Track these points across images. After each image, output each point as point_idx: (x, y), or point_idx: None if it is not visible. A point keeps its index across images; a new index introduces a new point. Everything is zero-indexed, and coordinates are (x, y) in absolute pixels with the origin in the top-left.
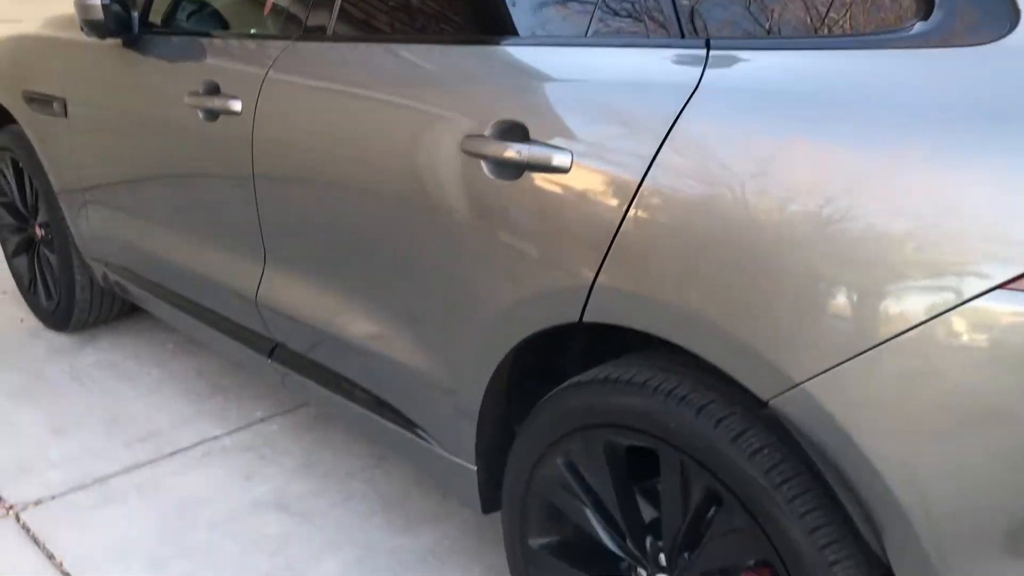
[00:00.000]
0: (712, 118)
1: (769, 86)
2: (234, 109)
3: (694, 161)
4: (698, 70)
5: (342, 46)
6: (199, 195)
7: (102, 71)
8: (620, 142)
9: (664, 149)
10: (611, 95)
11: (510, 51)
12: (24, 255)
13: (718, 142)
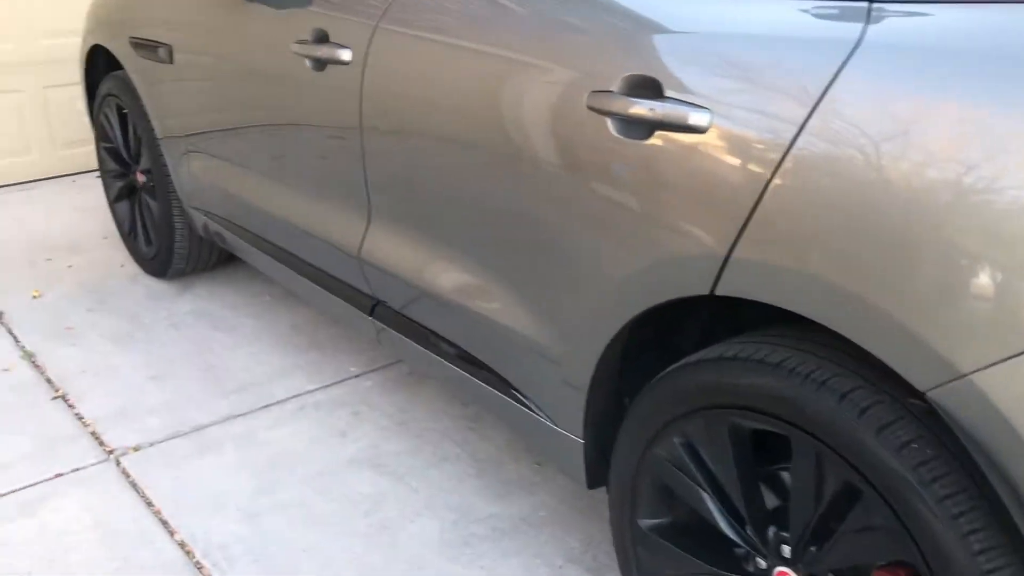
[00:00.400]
0: (875, 79)
1: (943, 44)
2: (343, 59)
3: (854, 126)
4: (859, 26)
5: None
6: (304, 146)
7: (209, 17)
8: (767, 102)
9: (819, 111)
10: (757, 50)
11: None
12: (126, 201)
13: (883, 106)
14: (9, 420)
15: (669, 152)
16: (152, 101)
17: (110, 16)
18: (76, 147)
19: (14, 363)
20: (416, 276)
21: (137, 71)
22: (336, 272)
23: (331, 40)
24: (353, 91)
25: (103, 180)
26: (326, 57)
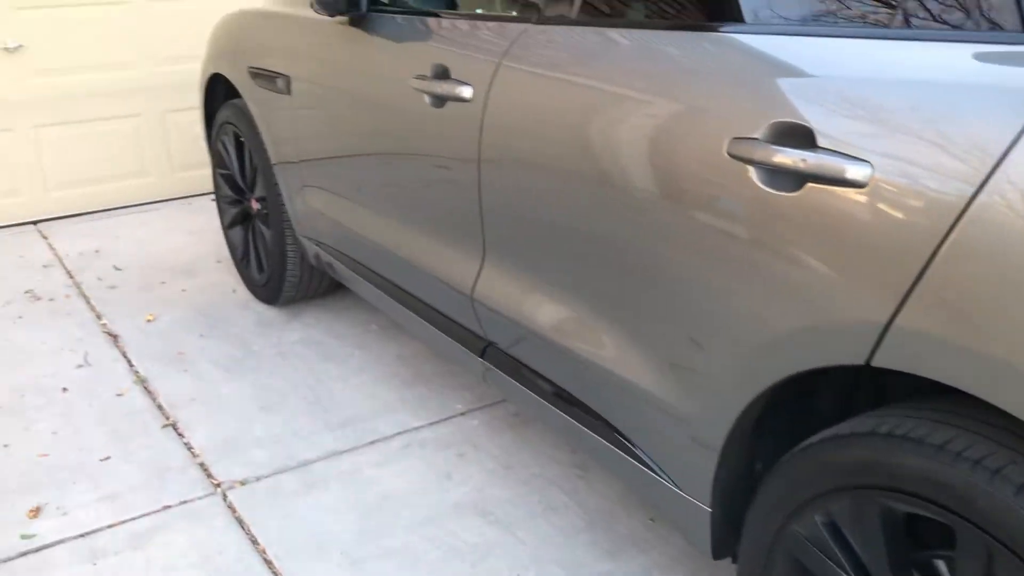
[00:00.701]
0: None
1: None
2: (464, 96)
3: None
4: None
5: (587, 31)
6: (418, 182)
7: (327, 50)
8: (939, 156)
9: (1003, 168)
10: (927, 98)
11: (790, 41)
12: (239, 227)
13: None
14: (122, 447)
15: (822, 207)
16: (268, 130)
17: (230, 46)
18: (192, 170)
19: (127, 388)
20: (532, 320)
21: (255, 100)
22: (446, 310)
23: (452, 76)
24: (472, 129)
25: (218, 206)
26: (446, 94)
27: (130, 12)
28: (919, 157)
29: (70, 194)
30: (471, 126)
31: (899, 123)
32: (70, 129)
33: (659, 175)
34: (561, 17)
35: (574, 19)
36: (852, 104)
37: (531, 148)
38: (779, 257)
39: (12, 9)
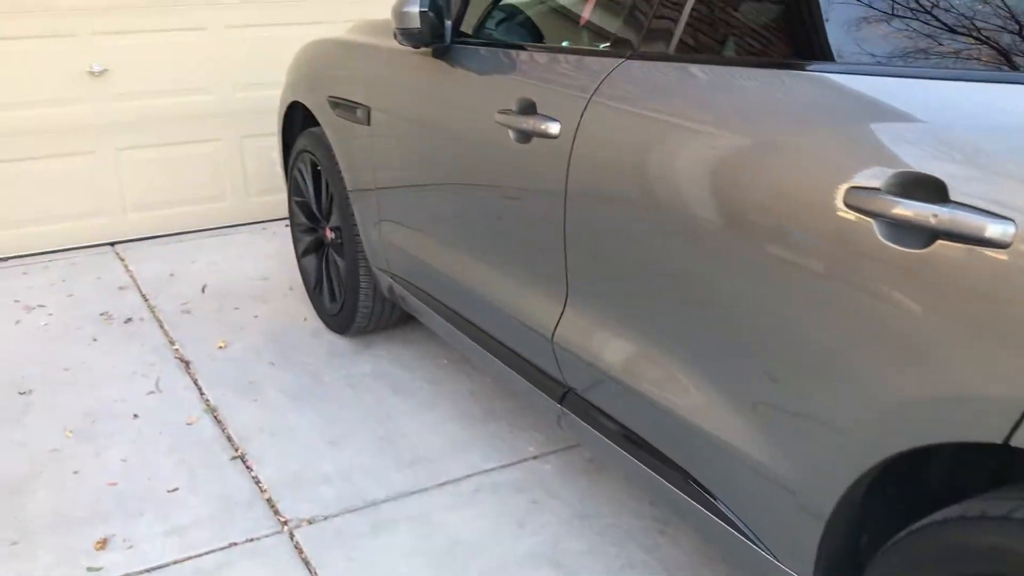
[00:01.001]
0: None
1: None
2: (551, 132)
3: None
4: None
5: (685, 68)
6: (500, 219)
7: (409, 81)
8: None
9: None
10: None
11: (918, 84)
12: (313, 256)
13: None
14: (190, 478)
15: (956, 267)
16: (346, 161)
17: (310, 74)
18: (267, 195)
19: (198, 416)
20: (618, 368)
21: (333, 130)
22: (524, 351)
23: (538, 111)
24: (559, 166)
25: (292, 233)
26: (531, 129)
27: (210, 38)
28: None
29: (148, 216)
30: (558, 163)
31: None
32: (149, 152)
33: (766, 223)
34: (658, 53)
35: (672, 55)
36: (989, 155)
37: (622, 188)
38: (905, 319)
39: (98, 34)
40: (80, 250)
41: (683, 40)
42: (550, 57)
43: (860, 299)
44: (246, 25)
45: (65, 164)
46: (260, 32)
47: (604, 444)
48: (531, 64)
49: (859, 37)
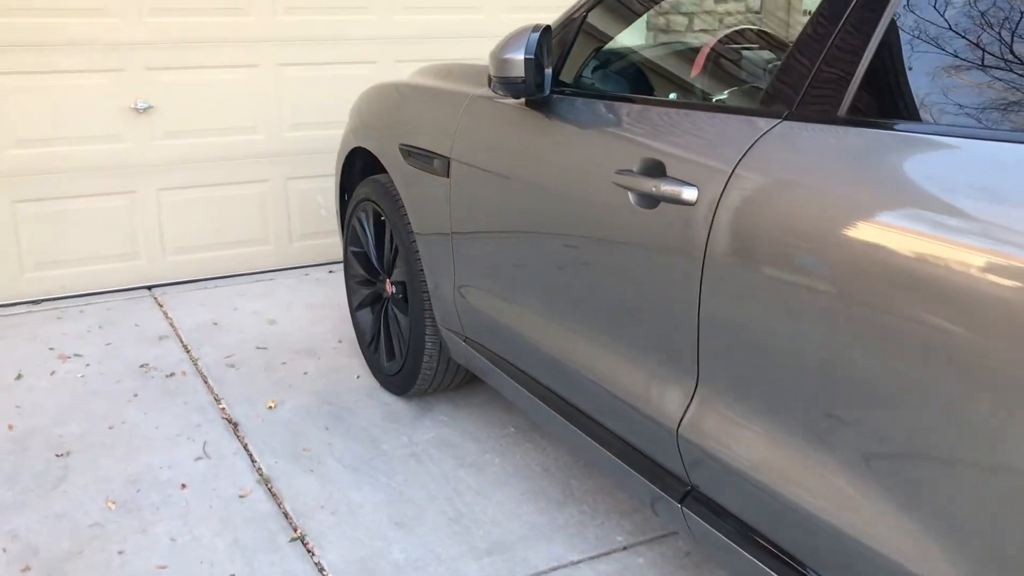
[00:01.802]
0: None
1: None
2: (686, 198)
3: None
4: None
5: (864, 133)
6: (612, 289)
7: (499, 132)
8: None
9: None
10: None
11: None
12: (369, 310)
13: None
14: (247, 563)
15: None
16: (418, 215)
17: (378, 120)
18: (311, 239)
19: (250, 488)
20: (763, 470)
21: (404, 180)
22: (637, 442)
23: (668, 174)
24: (695, 237)
25: (347, 284)
26: (660, 193)
27: (261, 76)
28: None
29: (187, 260)
30: (693, 234)
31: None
32: (192, 193)
33: (967, 316)
34: (824, 113)
35: (843, 117)
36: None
37: (779, 267)
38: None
39: (145, 70)
40: (116, 293)
41: (859, 98)
42: (678, 112)
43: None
44: (299, 63)
45: (103, 204)
46: (312, 71)
47: (726, 545)
48: (652, 119)
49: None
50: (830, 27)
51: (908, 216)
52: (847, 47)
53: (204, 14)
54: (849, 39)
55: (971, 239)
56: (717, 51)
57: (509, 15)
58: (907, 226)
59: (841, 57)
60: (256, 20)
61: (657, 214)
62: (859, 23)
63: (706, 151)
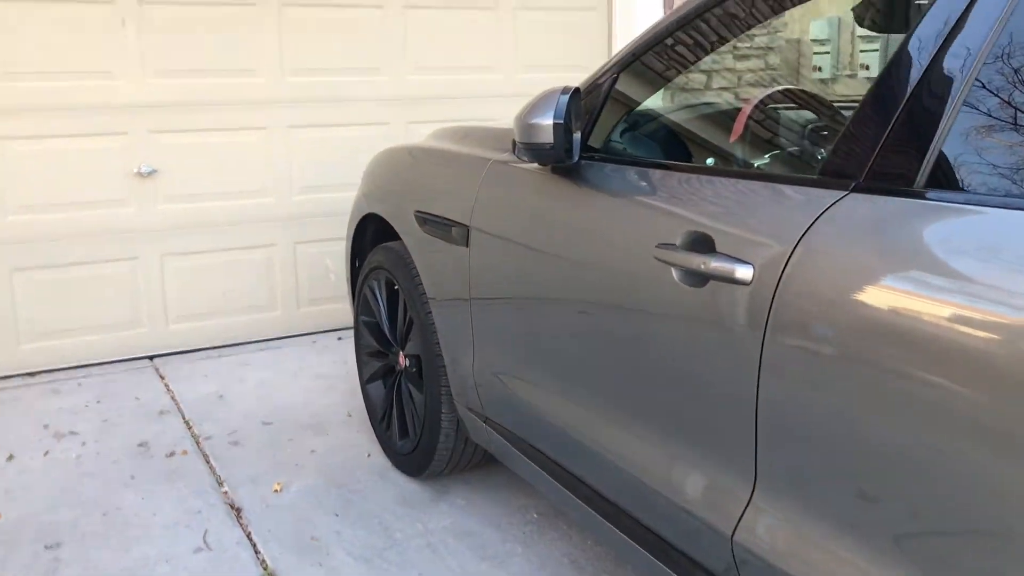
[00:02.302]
0: None
1: None
2: (739, 277)
3: None
4: None
5: (943, 209)
6: (652, 372)
7: (523, 200)
8: None
9: None
10: None
11: None
12: (380, 383)
13: None
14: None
15: None
16: (434, 285)
17: (392, 185)
18: (319, 304)
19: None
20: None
21: (419, 249)
22: (682, 544)
23: (718, 250)
24: (752, 322)
25: (357, 356)
26: (710, 271)
27: (269, 138)
28: None
29: (191, 327)
30: (750, 317)
31: None
32: (197, 259)
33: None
34: (898, 185)
35: (919, 190)
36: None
37: (855, 355)
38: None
39: (150, 132)
40: (116, 364)
41: (938, 170)
42: (723, 182)
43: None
44: (308, 125)
45: (104, 271)
46: (322, 132)
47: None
48: (695, 188)
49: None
50: (902, 88)
51: (1000, 301)
52: (923, 111)
53: (211, 75)
54: (925, 101)
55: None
56: (757, 113)
57: (524, 75)
58: (999, 312)
59: (916, 123)
60: (265, 81)
61: (706, 293)
62: (937, 83)
63: (761, 226)
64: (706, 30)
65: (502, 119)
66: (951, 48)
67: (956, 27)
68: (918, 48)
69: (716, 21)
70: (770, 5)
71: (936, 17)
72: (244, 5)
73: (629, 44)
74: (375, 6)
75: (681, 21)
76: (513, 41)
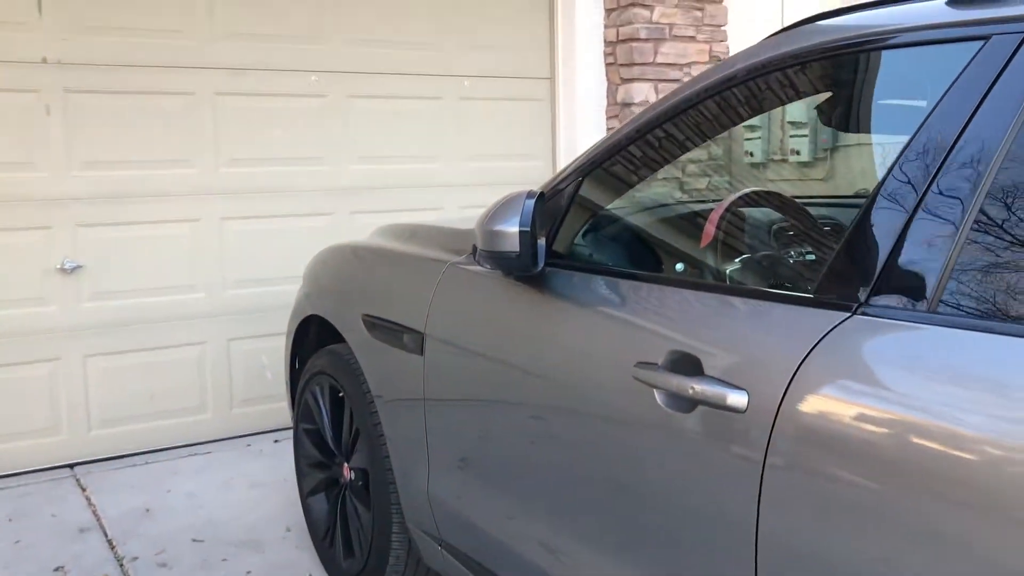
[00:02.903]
0: None
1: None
2: (732, 404)
3: None
4: None
5: (959, 335)
6: (634, 500)
7: (486, 309)
8: None
9: None
10: None
11: None
12: (323, 496)
13: None
14: None
15: None
16: (385, 395)
17: (338, 285)
18: (253, 405)
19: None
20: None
21: (368, 355)
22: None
23: (707, 373)
24: (748, 453)
25: (297, 466)
26: (697, 396)
27: (202, 231)
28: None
29: (115, 433)
30: (745, 448)
31: None
32: (123, 359)
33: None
34: (908, 308)
35: (931, 313)
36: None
37: (867, 491)
38: None
39: (75, 226)
40: (33, 475)
41: (954, 290)
42: (707, 297)
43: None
44: (245, 216)
45: (20, 373)
46: (259, 224)
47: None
48: (675, 302)
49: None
50: (909, 197)
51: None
52: (935, 224)
53: (141, 167)
54: (937, 212)
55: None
56: (730, 217)
57: (469, 164)
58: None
59: (928, 237)
60: (198, 172)
61: (694, 419)
62: (949, 190)
63: (754, 348)
64: (673, 131)
65: (447, 208)
66: (964, 149)
67: (967, 125)
68: (923, 152)
69: (683, 122)
70: (728, 109)
71: (946, 116)
72: (177, 94)
73: (593, 147)
74: (317, 95)
75: (646, 125)
76: (457, 130)
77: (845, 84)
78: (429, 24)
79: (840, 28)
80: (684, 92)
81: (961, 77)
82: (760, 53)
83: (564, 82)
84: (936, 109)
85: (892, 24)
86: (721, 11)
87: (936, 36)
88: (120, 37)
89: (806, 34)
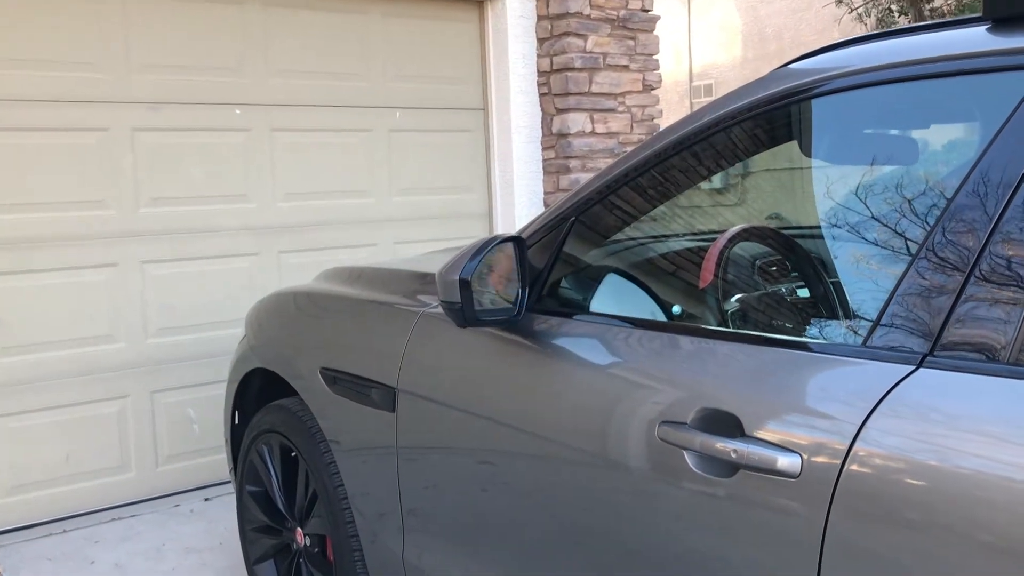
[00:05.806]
0: None
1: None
2: (784, 468)
3: None
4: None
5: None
6: (665, 572)
7: (468, 362)
8: None
9: None
10: None
11: None
12: (272, 564)
13: None
14: None
15: None
16: (349, 455)
17: (287, 336)
18: (180, 461)
19: None
20: None
21: (327, 412)
22: None
23: (748, 433)
24: (804, 525)
25: (242, 533)
26: (740, 460)
27: (120, 276)
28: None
29: (28, 500)
30: (800, 520)
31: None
32: (36, 417)
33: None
34: (981, 359)
35: (1010, 365)
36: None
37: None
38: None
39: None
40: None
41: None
42: (735, 347)
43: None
44: (166, 259)
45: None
46: (182, 267)
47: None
48: (697, 353)
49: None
50: (975, 238)
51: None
52: (1009, 267)
53: (51, 208)
54: (1010, 249)
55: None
56: (732, 257)
57: (400, 198)
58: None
59: (1003, 281)
60: (116, 214)
61: (735, 485)
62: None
63: (804, 406)
64: (661, 171)
65: (381, 245)
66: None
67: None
68: (984, 182)
69: (677, 161)
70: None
71: (1010, 141)
72: (91, 130)
73: (576, 191)
74: (241, 129)
75: (637, 167)
76: (389, 163)
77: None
78: (358, 55)
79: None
80: (678, 132)
81: (1016, 114)
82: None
83: (498, 113)
84: (1002, 132)
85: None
86: (653, 40)
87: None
88: (27, 70)
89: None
